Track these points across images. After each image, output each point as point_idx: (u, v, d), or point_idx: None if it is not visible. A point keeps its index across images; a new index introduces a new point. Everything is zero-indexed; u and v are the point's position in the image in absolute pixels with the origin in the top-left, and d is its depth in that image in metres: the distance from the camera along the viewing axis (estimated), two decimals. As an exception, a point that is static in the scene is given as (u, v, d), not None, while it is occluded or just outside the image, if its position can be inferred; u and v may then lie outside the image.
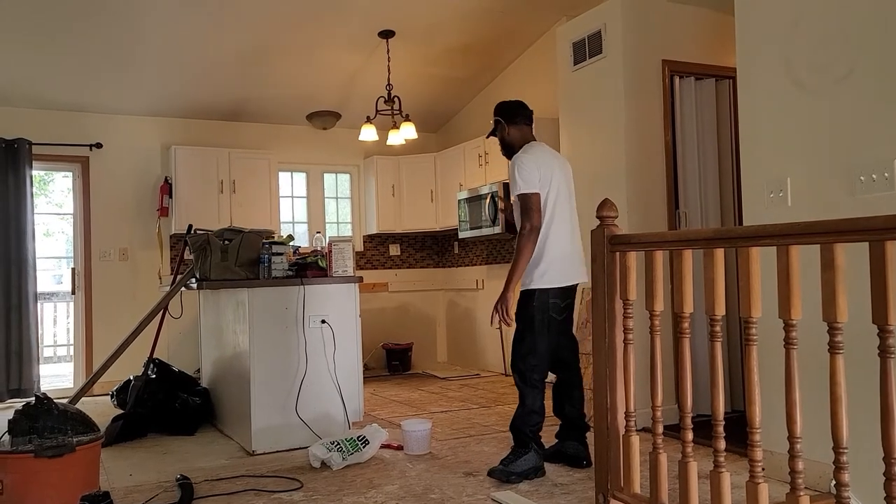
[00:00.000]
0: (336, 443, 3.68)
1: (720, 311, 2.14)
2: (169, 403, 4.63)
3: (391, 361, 7.27)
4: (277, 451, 3.97)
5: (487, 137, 3.79)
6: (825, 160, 3.00)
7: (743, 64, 3.40)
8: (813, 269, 1.91)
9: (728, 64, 4.42)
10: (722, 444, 2.14)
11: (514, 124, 3.61)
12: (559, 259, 3.43)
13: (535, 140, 3.62)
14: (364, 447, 3.70)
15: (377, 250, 7.71)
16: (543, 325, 3.44)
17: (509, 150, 3.60)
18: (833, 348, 1.83)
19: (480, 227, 6.38)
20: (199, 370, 5.43)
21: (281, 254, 4.20)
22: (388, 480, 3.38)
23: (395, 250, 7.75)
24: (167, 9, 5.11)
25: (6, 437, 2.87)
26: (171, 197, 6.59)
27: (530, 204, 3.36)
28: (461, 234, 6.71)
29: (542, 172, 3.39)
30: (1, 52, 5.45)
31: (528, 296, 3.45)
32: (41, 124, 6.32)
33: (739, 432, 2.31)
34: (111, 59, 5.73)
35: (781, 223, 2.00)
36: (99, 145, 6.54)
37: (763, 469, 2.02)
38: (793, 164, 3.14)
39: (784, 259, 1.93)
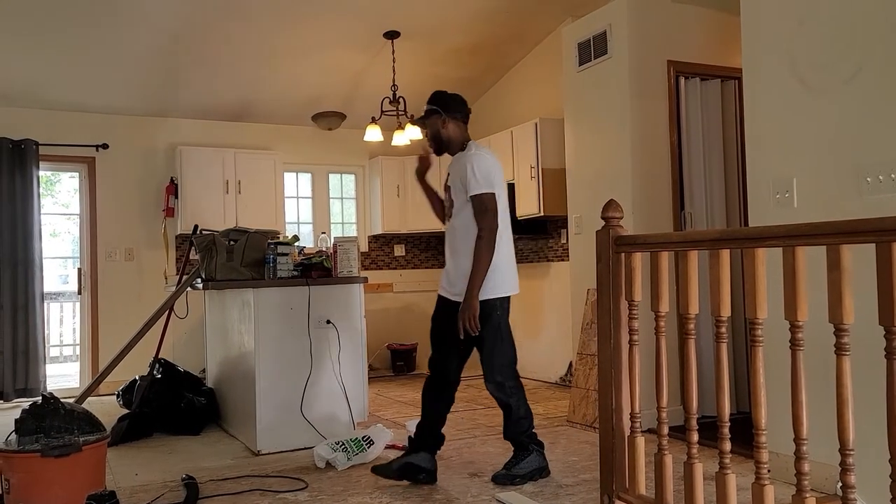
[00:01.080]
0: (341, 443, 3.68)
1: (726, 312, 2.13)
2: (174, 403, 4.64)
3: (396, 362, 7.27)
4: (282, 452, 3.98)
5: (414, 123, 3.52)
6: (832, 161, 2.99)
7: (749, 64, 3.39)
8: (819, 271, 1.91)
9: (734, 64, 4.41)
10: (728, 446, 2.13)
11: (452, 118, 3.36)
12: (511, 266, 3.37)
13: (471, 141, 3.43)
14: (369, 447, 3.70)
15: (382, 251, 7.71)
16: (508, 332, 3.38)
17: (441, 146, 3.39)
18: (839, 350, 1.82)
19: (485, 228, 6.36)
20: (204, 370, 5.44)
21: (286, 254, 4.20)
22: (393, 481, 3.37)
23: (399, 251, 7.75)
24: (173, 9, 5.12)
25: (13, 437, 2.88)
26: (176, 197, 6.60)
27: (488, 205, 3.18)
28: (466, 235, 6.69)
29: (495, 175, 3.26)
30: (8, 54, 5.47)
31: (491, 306, 3.25)
32: (48, 125, 6.34)
33: (745, 434, 2.31)
34: (117, 60, 5.74)
35: (787, 224, 1.99)
36: (105, 146, 6.56)
37: (769, 471, 2.02)
38: (799, 165, 3.13)
39: (790, 260, 1.92)
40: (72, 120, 6.47)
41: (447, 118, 3.34)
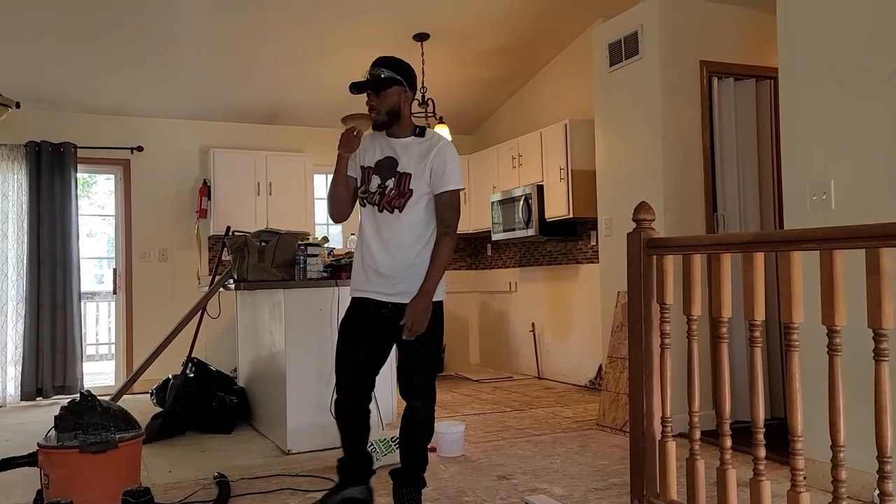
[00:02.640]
0: (370, 443, 3.69)
1: (760, 316, 2.10)
2: (206, 402, 4.70)
3: (425, 363, 7.28)
4: (312, 451, 4.01)
5: (362, 86, 2.84)
6: (870, 162, 2.93)
7: (785, 64, 3.34)
8: (857, 274, 1.87)
9: (769, 64, 4.35)
10: (762, 452, 2.10)
11: (412, 96, 2.92)
12: None
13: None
14: (398, 448, 3.71)
15: (411, 252, 7.72)
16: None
17: (391, 123, 2.86)
18: (878, 355, 1.79)
19: (514, 230, 6.36)
20: (235, 369, 5.50)
21: (316, 255, 4.24)
22: (421, 482, 3.38)
23: (428, 252, 7.76)
24: (207, 15, 5.20)
25: (53, 433, 2.94)
26: (209, 199, 6.70)
27: (458, 203, 2.89)
28: (494, 237, 6.70)
29: None
30: (50, 60, 5.59)
31: (437, 308, 2.85)
32: (86, 128, 6.48)
33: (780, 440, 2.27)
34: (153, 65, 5.85)
35: (825, 227, 1.96)
36: (140, 148, 6.67)
37: (805, 478, 1.99)
38: (837, 166, 3.08)
39: (827, 264, 1.89)
40: (109, 123, 6.60)
41: (410, 94, 2.89)
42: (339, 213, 2.97)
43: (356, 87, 2.83)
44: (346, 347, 2.90)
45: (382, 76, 2.84)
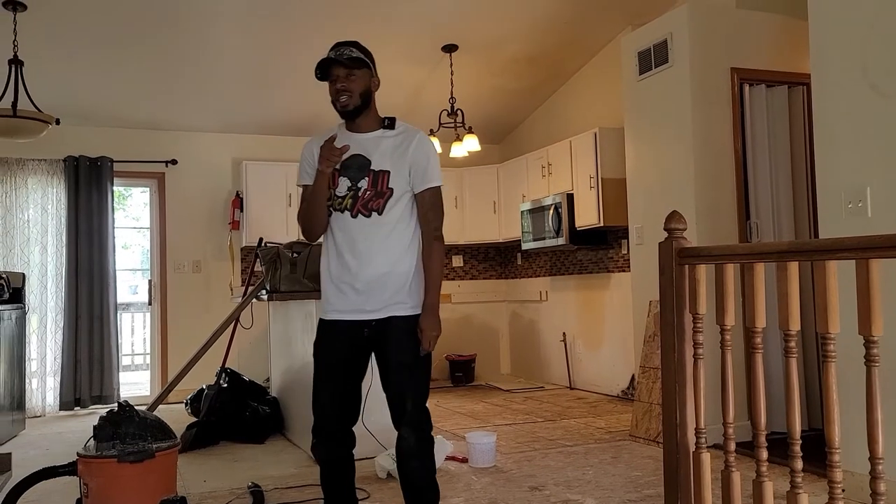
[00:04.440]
0: (388, 453, 3.70)
1: (795, 326, 2.07)
2: (240, 412, 4.75)
3: (454, 373, 7.29)
4: (344, 461, 4.02)
5: (323, 72, 2.60)
6: (907, 169, 2.88)
7: (817, 69, 3.30)
8: (895, 284, 1.84)
9: (801, 70, 4.30)
10: (799, 464, 2.07)
11: (377, 83, 2.65)
12: None
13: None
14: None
15: (441, 262, 7.74)
16: None
17: (360, 110, 2.56)
18: (918, 366, 1.75)
19: (544, 239, 6.35)
20: (268, 379, 5.56)
21: (348, 266, 4.26)
22: (453, 493, 3.39)
23: (458, 262, 7.78)
24: (240, 31, 5.29)
25: (91, 443, 3.00)
26: (241, 210, 6.79)
27: (441, 200, 2.61)
28: (524, 246, 6.69)
29: None
30: (87, 78, 5.74)
31: None
32: (122, 143, 6.63)
33: (817, 452, 2.23)
34: (187, 80, 5.96)
35: (861, 236, 1.93)
36: (174, 161, 6.80)
37: (843, 491, 1.95)
38: (873, 173, 3.03)
39: (864, 274, 1.86)
40: (144, 137, 6.74)
41: (377, 81, 2.63)
42: (318, 227, 2.59)
43: (323, 67, 2.54)
44: (324, 380, 2.54)
45: (353, 55, 2.55)
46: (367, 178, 2.50)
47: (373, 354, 2.56)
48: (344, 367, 2.54)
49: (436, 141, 6.09)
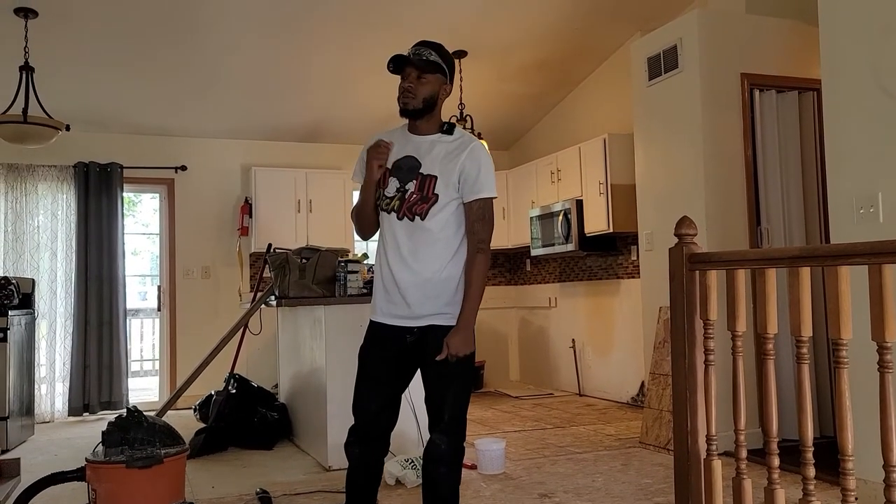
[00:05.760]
0: (410, 460, 3.70)
1: (807, 332, 2.06)
2: (248, 418, 4.75)
3: (463, 379, 7.26)
4: (353, 467, 4.01)
5: (396, 67, 2.53)
6: (919, 174, 2.86)
7: (828, 75, 3.29)
8: (908, 289, 1.82)
9: (811, 75, 4.28)
10: (811, 472, 2.05)
11: (448, 90, 2.58)
12: None
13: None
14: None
15: (449, 268, 7.73)
16: None
17: (424, 112, 2.50)
18: (932, 373, 1.73)
19: (553, 245, 6.33)
20: (276, 385, 5.56)
21: (356, 272, 4.27)
22: (462, 500, 3.35)
23: (467, 268, 7.76)
24: (250, 38, 5.31)
25: (100, 448, 3.00)
26: (251, 216, 6.80)
27: (491, 212, 2.50)
28: (533, 252, 6.68)
29: None
30: (97, 84, 5.77)
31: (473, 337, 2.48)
32: (132, 149, 6.65)
33: (830, 459, 2.21)
34: (196, 86, 5.99)
35: (873, 241, 1.91)
36: (184, 167, 6.83)
37: (856, 498, 1.93)
38: (884, 179, 3.00)
39: (876, 279, 1.84)
40: (153, 143, 6.76)
41: (449, 87, 2.56)
42: (366, 226, 2.59)
43: (396, 62, 2.48)
44: (367, 382, 2.51)
45: (430, 58, 2.50)
46: (414, 181, 2.46)
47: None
48: (387, 370, 2.49)
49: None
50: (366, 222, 2.58)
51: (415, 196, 2.44)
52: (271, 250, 5.25)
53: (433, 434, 2.44)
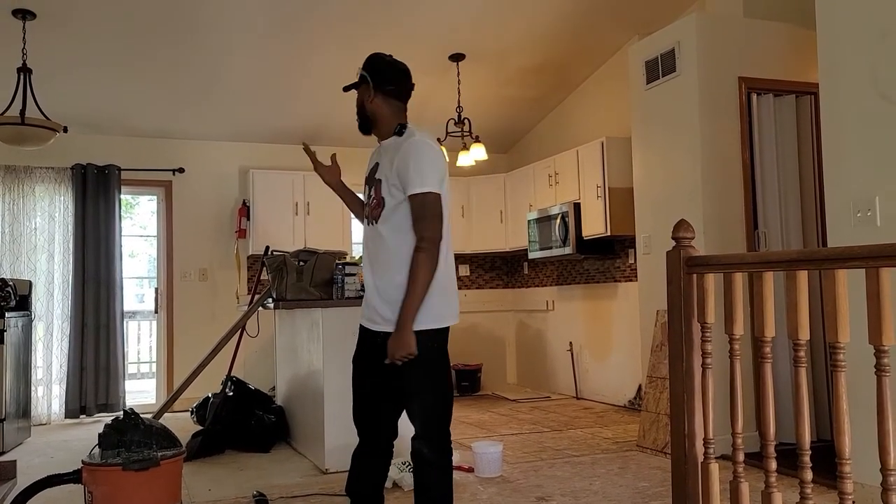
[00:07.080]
0: (407, 463, 3.68)
1: (804, 335, 2.06)
2: (245, 421, 4.74)
3: (461, 382, 7.27)
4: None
5: (346, 90, 2.69)
6: (916, 178, 2.87)
7: (826, 79, 3.30)
8: (905, 293, 1.83)
9: (809, 79, 4.29)
10: (809, 475, 2.05)
11: (381, 91, 2.54)
12: (454, 289, 2.56)
13: (409, 125, 2.59)
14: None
15: (447, 271, 7.73)
16: (450, 375, 2.59)
17: (367, 124, 2.62)
18: (929, 376, 1.73)
19: (550, 248, 6.34)
20: (274, 388, 5.55)
21: (353, 274, 4.27)
22: (459, 502, 3.36)
23: (464, 271, 7.77)
24: (248, 40, 5.32)
25: (96, 450, 2.99)
26: (248, 219, 6.80)
27: (432, 208, 2.38)
28: (531, 255, 6.68)
29: (442, 173, 2.48)
30: (95, 86, 5.77)
31: (429, 338, 2.41)
32: (129, 151, 6.65)
33: (827, 462, 2.21)
34: (195, 89, 5.99)
35: (870, 244, 1.91)
36: (181, 170, 6.82)
37: (853, 502, 1.93)
38: (881, 182, 3.01)
39: (874, 282, 1.85)
40: (151, 146, 6.76)
41: (375, 90, 2.53)
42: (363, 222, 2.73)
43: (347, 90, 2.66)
44: (354, 384, 2.54)
45: (357, 73, 2.57)
46: (372, 189, 2.55)
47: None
48: (366, 371, 2.51)
49: (442, 150, 6.10)
50: (359, 219, 2.76)
51: (373, 201, 2.51)
52: (269, 253, 5.25)
53: (413, 442, 2.48)
